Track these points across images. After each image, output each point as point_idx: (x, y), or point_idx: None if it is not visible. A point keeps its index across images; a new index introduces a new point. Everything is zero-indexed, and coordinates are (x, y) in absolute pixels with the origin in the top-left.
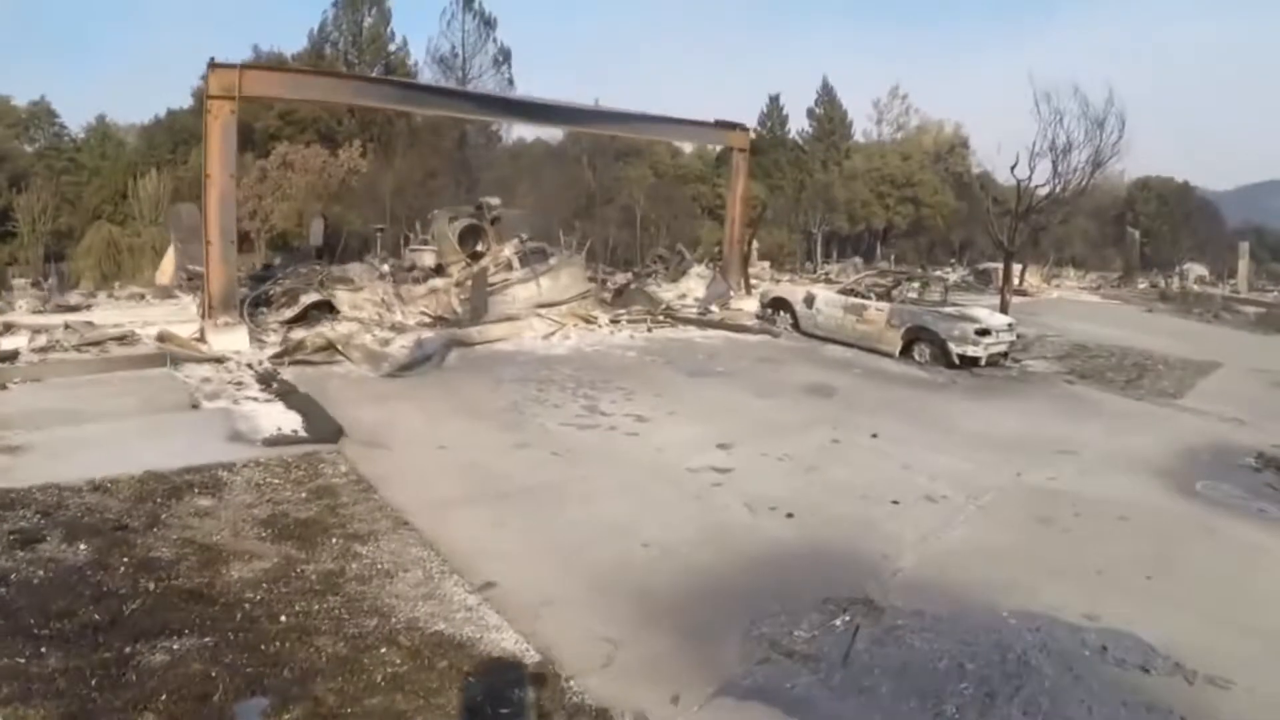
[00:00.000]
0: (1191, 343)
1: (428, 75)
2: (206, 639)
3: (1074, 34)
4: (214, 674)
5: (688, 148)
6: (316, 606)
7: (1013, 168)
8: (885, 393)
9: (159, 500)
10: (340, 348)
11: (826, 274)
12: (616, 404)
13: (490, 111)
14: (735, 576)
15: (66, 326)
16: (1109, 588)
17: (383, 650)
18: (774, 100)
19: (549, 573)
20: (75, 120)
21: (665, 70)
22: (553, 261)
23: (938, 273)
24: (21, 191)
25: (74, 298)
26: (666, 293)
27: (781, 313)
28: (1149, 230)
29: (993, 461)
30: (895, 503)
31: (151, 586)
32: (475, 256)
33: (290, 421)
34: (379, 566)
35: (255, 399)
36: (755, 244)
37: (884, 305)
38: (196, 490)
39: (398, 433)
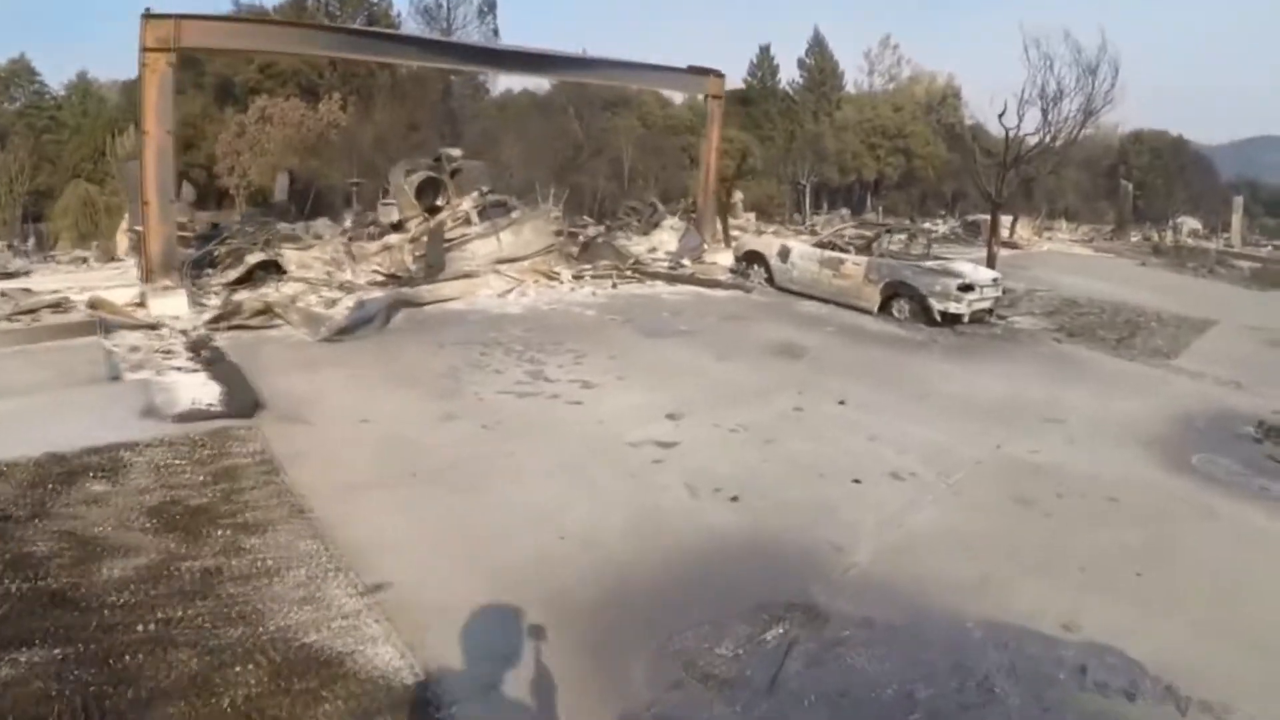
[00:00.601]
0: (1185, 298)
1: (411, 27)
2: (57, 651)
3: None
4: (53, 694)
5: (678, 98)
6: (183, 612)
7: (1000, 115)
8: (859, 353)
9: (51, 486)
10: (279, 311)
11: (812, 226)
12: (564, 368)
13: (441, 57)
14: (661, 575)
15: (2, 294)
16: (1093, 587)
17: (237, 669)
18: (764, 50)
19: (451, 570)
20: (56, 79)
21: (654, 21)
22: (515, 215)
23: (925, 225)
24: None
25: (15, 264)
26: (637, 246)
27: (756, 267)
28: (1142, 183)
29: (970, 431)
30: (857, 482)
31: (16, 588)
32: (433, 211)
33: (209, 394)
34: (263, 563)
35: (180, 369)
36: (740, 195)
37: (861, 259)
38: (93, 474)
39: (321, 404)
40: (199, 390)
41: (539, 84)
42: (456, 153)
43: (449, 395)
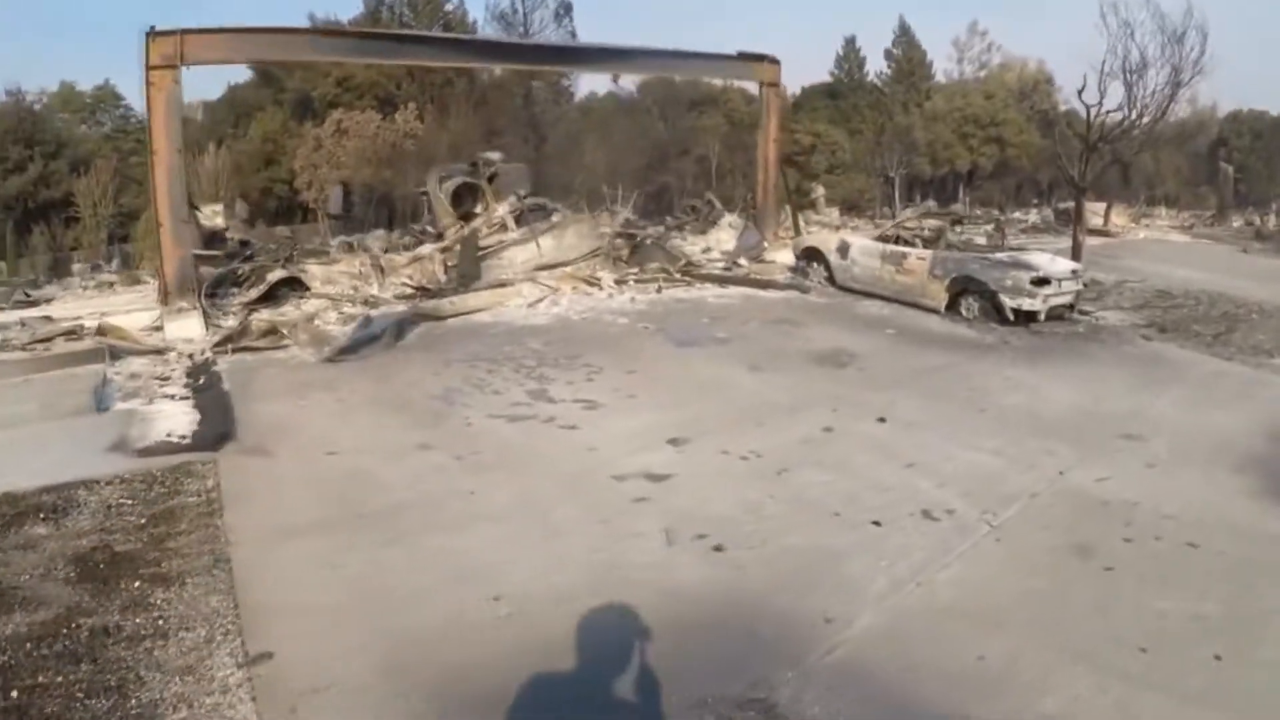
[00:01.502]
0: None
1: (488, 32)
2: None
3: None
4: None
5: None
6: (60, 678)
7: (1080, 91)
8: (915, 359)
9: None
10: (285, 331)
11: (897, 220)
12: (572, 386)
13: (471, 56)
14: (594, 655)
15: (21, 324)
16: (1154, 680)
17: None
18: (850, 42)
19: (347, 640)
20: (143, 102)
21: (732, 16)
22: (555, 219)
23: (1014, 214)
24: (81, 176)
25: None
26: (692, 246)
27: (815, 265)
28: (1243, 166)
29: (1030, 454)
30: (877, 524)
31: None
32: (469, 218)
33: (185, 425)
34: (162, 622)
35: (172, 397)
36: (822, 190)
37: (926, 253)
38: (42, 515)
39: (294, 434)
40: (178, 421)
41: (623, 86)
42: (496, 156)
43: (433, 422)
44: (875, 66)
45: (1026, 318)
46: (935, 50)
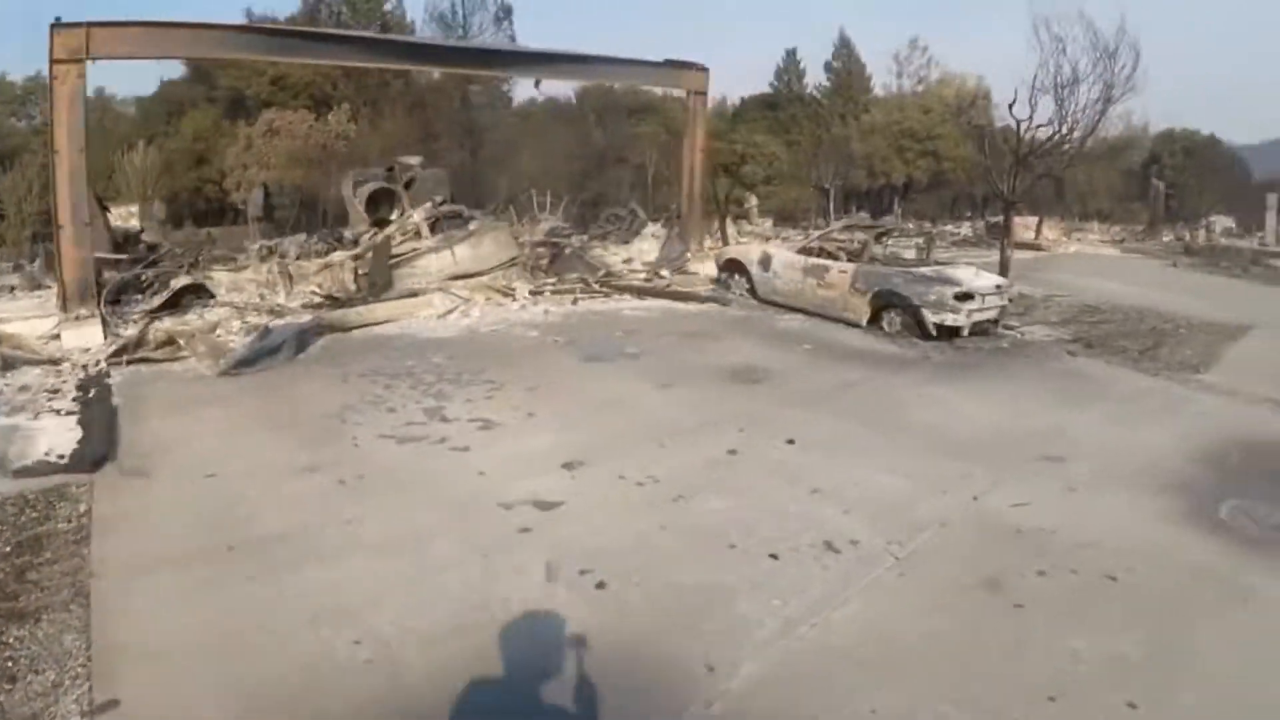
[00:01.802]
0: (1218, 301)
1: (426, 34)
2: None
3: None
4: None
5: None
6: None
7: (1010, 105)
8: (832, 375)
9: None
10: (182, 342)
11: (822, 232)
12: (471, 404)
13: (400, 57)
14: (452, 708)
15: None
16: None
17: None
18: (790, 54)
19: (203, 687)
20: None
21: (673, 24)
22: (472, 227)
23: (946, 227)
24: (7, 171)
25: None
26: (614, 256)
27: (737, 277)
28: (1175, 183)
29: (944, 477)
30: (774, 557)
31: None
32: (383, 224)
33: (66, 443)
34: (11, 664)
35: (59, 411)
36: (755, 200)
37: (848, 266)
38: None
39: (177, 454)
40: (60, 438)
41: (562, 92)
42: (414, 160)
43: (323, 441)
44: (815, 79)
45: (950, 333)
46: (875, 64)
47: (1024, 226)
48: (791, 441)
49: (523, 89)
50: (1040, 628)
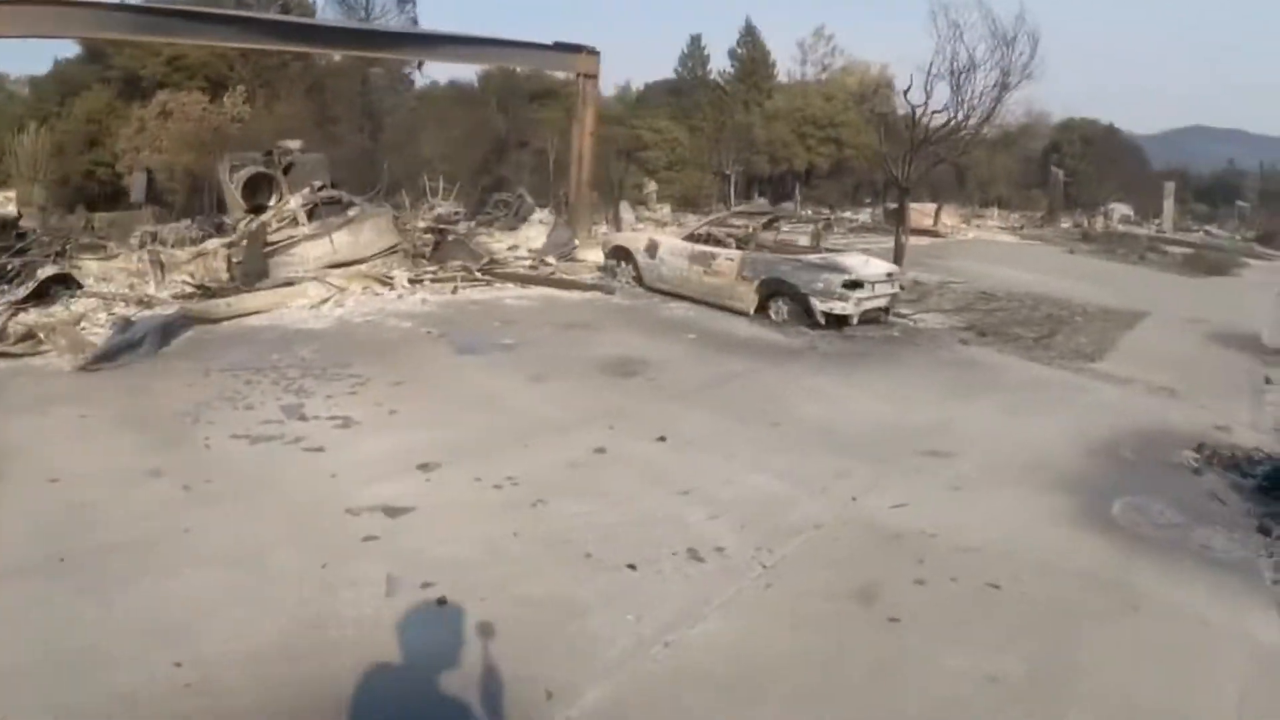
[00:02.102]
0: (1115, 287)
1: (328, 15)
2: None
3: None
4: None
5: (607, 90)
6: None
7: (906, 91)
8: (713, 367)
9: None
10: (43, 335)
11: (709, 218)
12: (332, 400)
13: (269, 38)
14: None
15: None
16: None
17: None
18: (695, 40)
19: (17, 717)
20: None
21: (581, 6)
22: (352, 214)
23: (845, 214)
24: None
25: None
26: (500, 243)
27: (624, 264)
28: (1074, 171)
29: (822, 475)
30: (632, 567)
31: None
32: (260, 211)
33: None
34: None
35: None
36: (654, 186)
37: (735, 254)
38: None
39: (22, 457)
40: None
41: (465, 76)
42: (294, 144)
43: (173, 443)
44: (719, 65)
45: (838, 321)
46: (780, 52)
47: (922, 213)
48: (663, 439)
49: (427, 71)
50: (915, 645)
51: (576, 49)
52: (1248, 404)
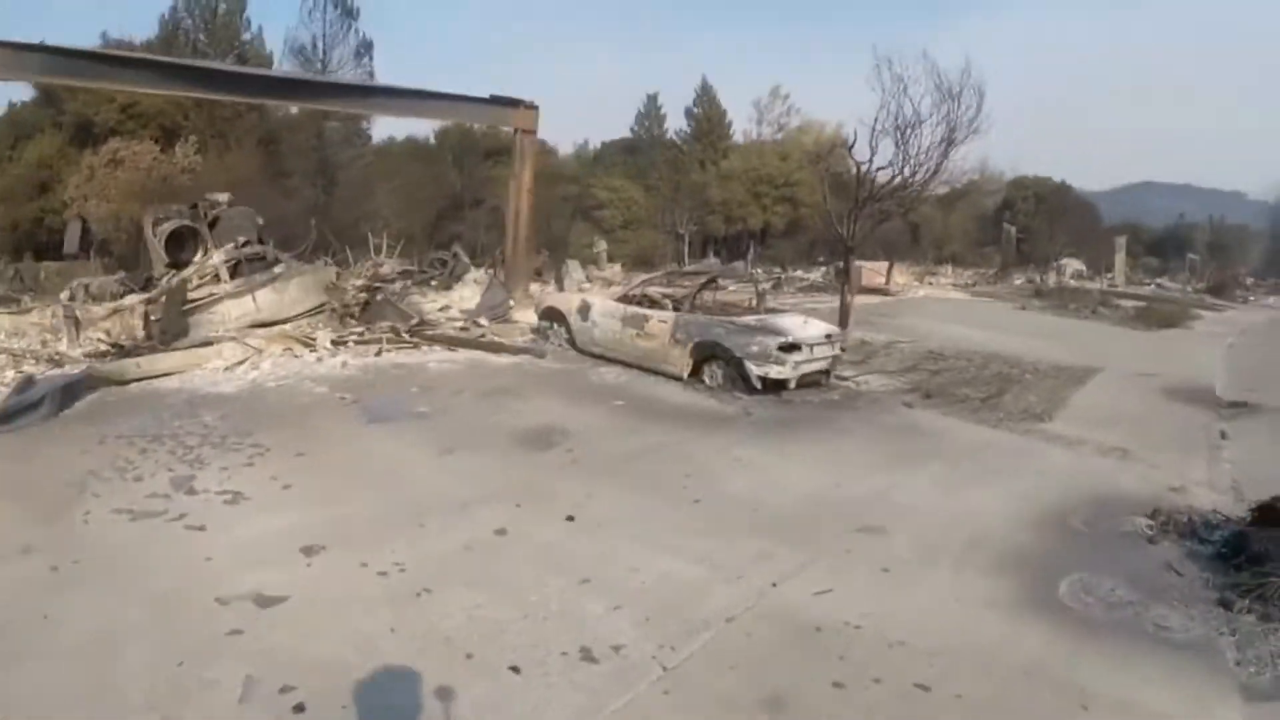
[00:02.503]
0: (1066, 343)
1: (286, 67)
2: None
3: (967, 34)
4: None
5: (564, 148)
6: None
7: (849, 147)
8: (637, 437)
9: None
10: None
11: (644, 278)
12: (226, 472)
13: (206, 87)
14: None
15: None
16: None
17: None
18: (651, 99)
19: None
20: None
21: (542, 65)
22: (278, 270)
23: (779, 272)
24: None
25: None
26: (432, 304)
27: (557, 326)
28: (1027, 227)
29: (742, 558)
30: (515, 670)
31: None
32: (181, 266)
33: None
34: None
35: None
36: (604, 245)
37: (669, 316)
38: None
39: None
40: None
41: (422, 131)
42: (223, 197)
43: (52, 517)
44: (676, 124)
45: (776, 386)
46: (736, 111)
47: (874, 272)
48: (571, 518)
49: (381, 126)
50: None
51: (514, 103)
52: (1204, 461)
